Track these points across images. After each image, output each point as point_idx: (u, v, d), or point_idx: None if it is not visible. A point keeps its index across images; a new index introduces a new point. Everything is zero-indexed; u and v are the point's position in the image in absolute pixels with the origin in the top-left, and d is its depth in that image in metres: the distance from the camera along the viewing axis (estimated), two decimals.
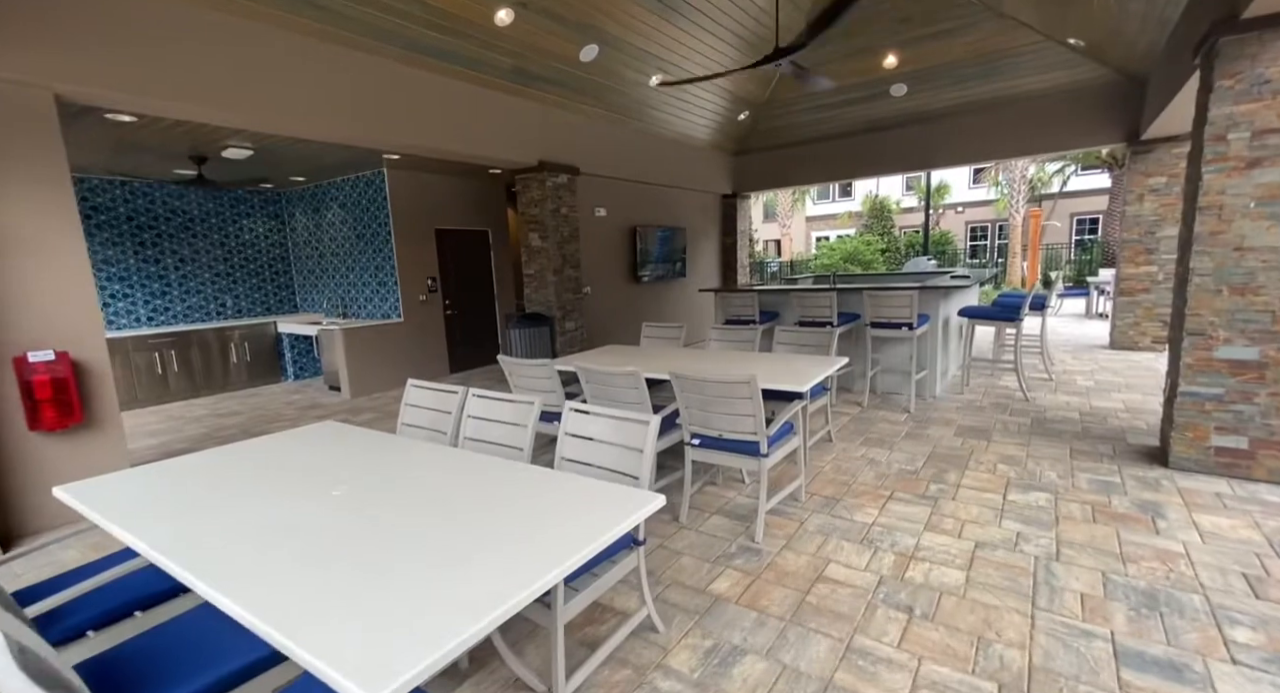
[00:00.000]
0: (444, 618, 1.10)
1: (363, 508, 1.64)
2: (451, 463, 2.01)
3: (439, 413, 2.69)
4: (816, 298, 5.10)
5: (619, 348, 4.50)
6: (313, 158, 5.58)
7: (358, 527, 1.51)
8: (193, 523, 1.58)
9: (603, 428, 2.14)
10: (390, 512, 1.61)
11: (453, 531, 1.47)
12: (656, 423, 2.01)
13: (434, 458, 2.07)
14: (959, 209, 22.39)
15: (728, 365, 3.46)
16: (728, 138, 8.76)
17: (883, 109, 7.77)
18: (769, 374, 3.16)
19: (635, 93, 6.47)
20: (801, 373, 3.14)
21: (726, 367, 3.42)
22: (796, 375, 3.08)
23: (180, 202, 6.65)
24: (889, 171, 8.49)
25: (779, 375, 3.12)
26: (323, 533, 1.48)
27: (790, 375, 3.09)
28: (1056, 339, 7.77)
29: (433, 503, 1.66)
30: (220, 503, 1.72)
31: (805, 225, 26.76)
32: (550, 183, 5.97)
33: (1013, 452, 3.76)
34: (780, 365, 3.39)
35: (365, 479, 1.87)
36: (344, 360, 6.09)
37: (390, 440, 2.32)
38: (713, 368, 3.34)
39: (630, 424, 2.06)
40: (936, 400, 5.06)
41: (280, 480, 1.90)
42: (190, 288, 6.82)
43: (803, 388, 2.90)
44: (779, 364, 3.42)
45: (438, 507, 1.64)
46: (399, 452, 2.16)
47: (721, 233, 9.81)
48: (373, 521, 1.55)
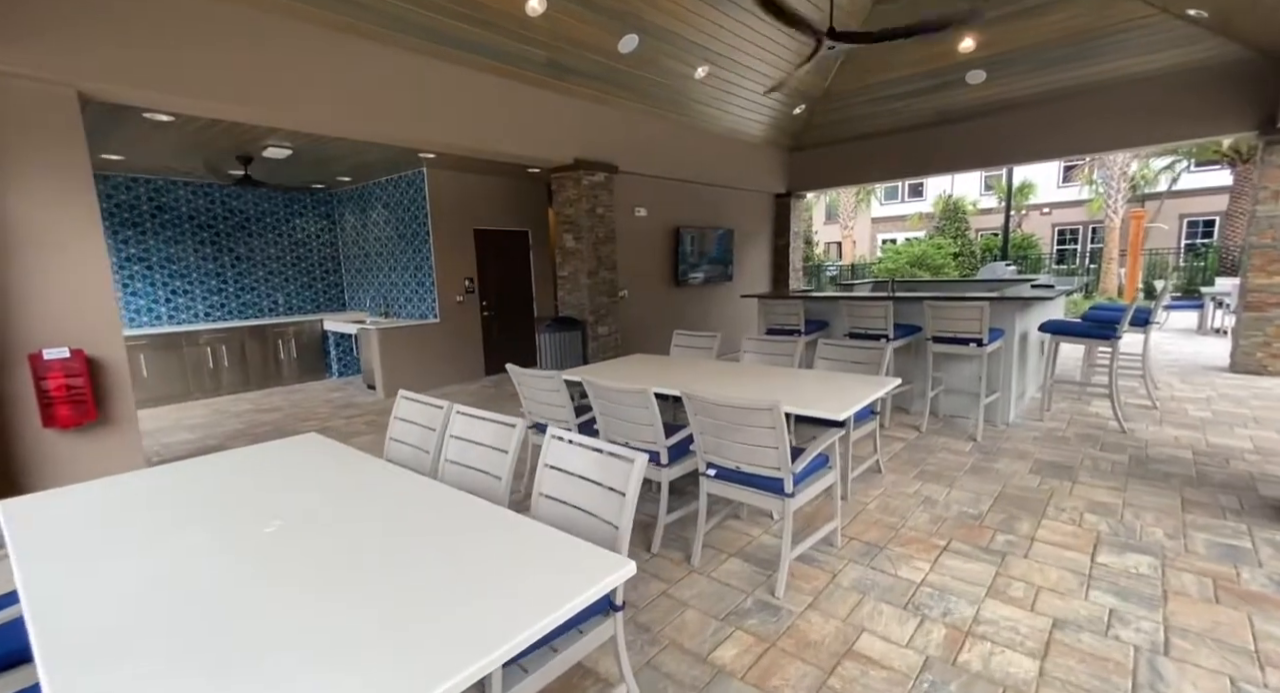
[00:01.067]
0: None
1: (285, 554, 1.39)
2: (411, 497, 1.75)
3: (426, 429, 2.45)
4: (869, 308, 4.57)
5: (646, 358, 4.17)
6: (349, 157, 5.58)
7: (259, 588, 1.26)
8: (88, 565, 1.38)
9: (585, 462, 1.82)
10: (313, 563, 1.35)
11: (374, 596, 1.19)
12: (642, 463, 1.66)
13: (394, 489, 1.82)
14: (1045, 210, 20.54)
15: (758, 383, 3.06)
16: (782, 133, 8.24)
17: (956, 99, 7.04)
18: (803, 397, 2.74)
19: (679, 86, 6.11)
20: (843, 396, 2.70)
21: (756, 385, 3.02)
22: (836, 399, 2.65)
23: (238, 202, 6.89)
24: (962, 168, 7.71)
25: (815, 398, 2.70)
26: (216, 594, 1.24)
27: (829, 399, 2.66)
28: (1162, 358, 6.77)
29: (366, 551, 1.40)
30: (135, 537, 1.53)
31: (871, 227, 25.42)
32: (586, 182, 5.72)
33: (1104, 498, 3.14)
34: (818, 386, 2.96)
35: (310, 511, 1.64)
36: (378, 360, 6.08)
37: (361, 463, 2.10)
38: (738, 387, 2.94)
39: (614, 461, 1.73)
40: (1009, 428, 4.41)
41: (219, 510, 1.70)
42: (245, 285, 7.05)
43: (840, 415, 2.46)
44: (817, 384, 2.99)
45: (371, 557, 1.37)
46: (361, 478, 1.93)
47: (774, 234, 9.28)
48: (283, 578, 1.29)
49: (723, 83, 6.46)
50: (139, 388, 5.85)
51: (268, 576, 1.30)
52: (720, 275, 8.06)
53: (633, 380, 3.23)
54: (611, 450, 1.75)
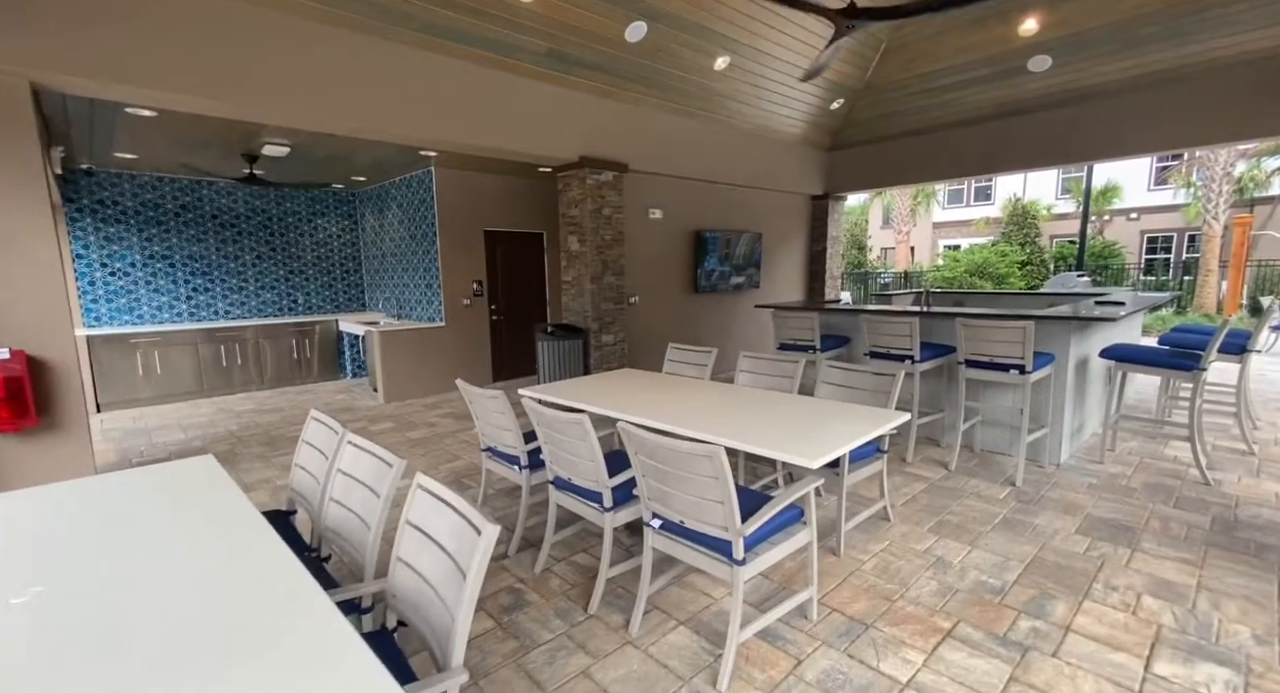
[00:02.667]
0: None
1: (12, 643, 1.09)
2: (213, 563, 1.43)
3: (324, 457, 2.15)
4: (892, 324, 3.99)
5: (636, 374, 3.77)
6: (351, 155, 5.47)
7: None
8: None
9: (444, 523, 1.45)
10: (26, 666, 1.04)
11: None
12: (491, 537, 1.27)
13: (213, 544, 1.50)
14: (1133, 215, 18.59)
15: (735, 413, 2.60)
16: (819, 130, 7.63)
17: (1020, 89, 6.25)
18: (783, 433, 2.28)
19: (698, 78, 5.68)
20: (832, 434, 2.22)
21: (732, 414, 2.57)
22: (823, 437, 2.18)
23: (261, 201, 6.97)
24: (1027, 167, 6.86)
25: (798, 435, 2.23)
26: None
27: (815, 436, 2.19)
28: (1268, 390, 5.74)
29: (105, 654, 1.08)
30: None
31: (932, 232, 23.90)
32: (592, 181, 5.38)
33: (1172, 574, 2.48)
34: (807, 419, 2.48)
35: (92, 573, 1.34)
36: (379, 363, 5.95)
37: (218, 504, 1.80)
38: (706, 417, 2.48)
39: (466, 527, 1.35)
40: (1059, 471, 3.72)
41: (10, 559, 1.43)
42: (265, 284, 7.14)
43: (813, 462, 1.99)
44: (807, 417, 2.50)
45: (104, 662, 1.04)
46: (193, 526, 1.62)
47: (809, 239, 8.65)
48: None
49: (747, 75, 5.97)
50: (151, 384, 5.97)
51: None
52: (746, 283, 7.53)
53: (598, 400, 2.85)
54: (464, 511, 1.37)
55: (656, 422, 2.53)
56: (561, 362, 5.42)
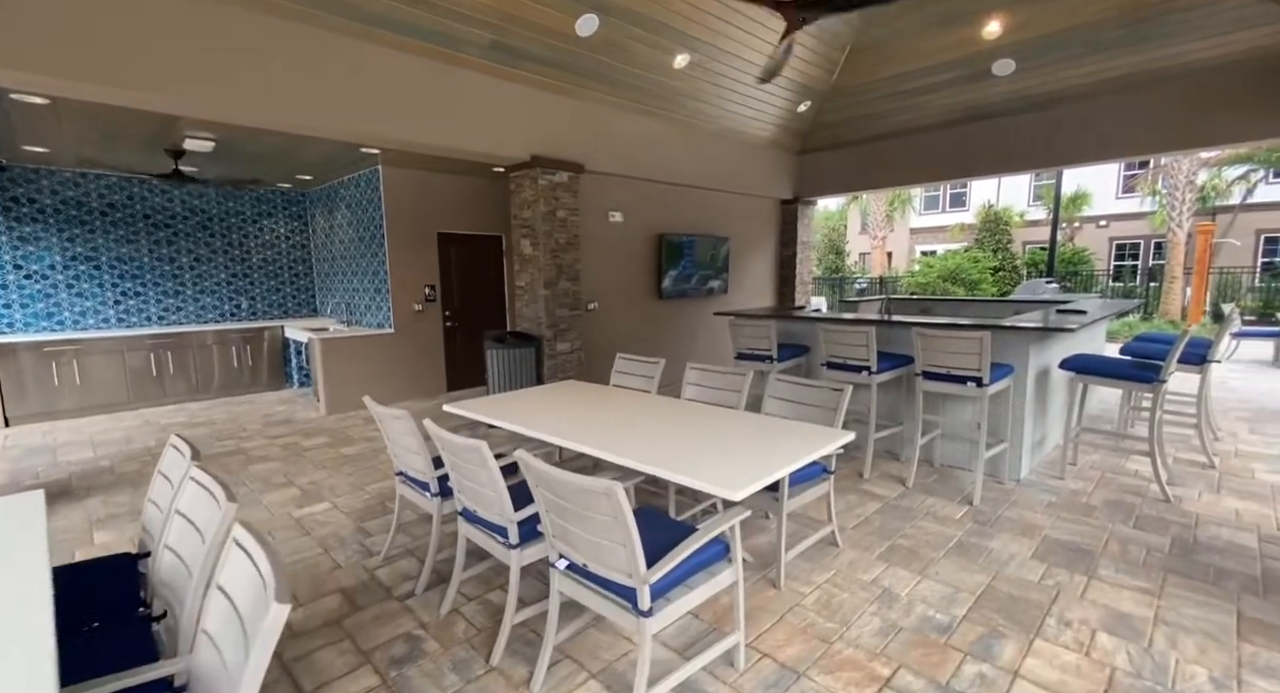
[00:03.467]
0: None
1: None
2: None
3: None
4: (848, 333, 3.80)
5: (577, 387, 3.53)
6: (284, 152, 5.16)
7: None
8: None
9: (250, 590, 1.18)
10: None
11: None
12: (280, 616, 1.02)
13: None
14: (1102, 222, 18.89)
15: (666, 432, 2.38)
16: (787, 134, 7.48)
17: (984, 93, 6.16)
18: (709, 456, 2.06)
19: (658, 77, 5.47)
20: (766, 457, 2.02)
21: (662, 433, 2.34)
22: (756, 460, 1.97)
23: (200, 201, 6.60)
24: (995, 172, 6.79)
25: (723, 460, 2.02)
26: None
27: (744, 460, 1.99)
28: (1228, 397, 5.69)
29: None
30: None
31: (909, 238, 24.08)
32: (544, 181, 5.14)
33: (1129, 606, 2.31)
34: (743, 438, 2.27)
35: None
36: (321, 374, 5.63)
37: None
38: (626, 440, 2.24)
39: (263, 597, 1.09)
40: (1019, 487, 3.56)
41: None
42: (205, 288, 6.76)
43: (736, 494, 1.77)
44: (745, 437, 2.29)
45: None
46: None
47: (779, 244, 8.50)
48: None
49: (709, 74, 5.78)
50: (69, 396, 5.56)
51: None
52: (714, 289, 7.34)
53: (524, 418, 2.61)
54: (265, 576, 1.11)
55: (580, 443, 2.30)
56: (512, 371, 5.16)
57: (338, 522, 3.21)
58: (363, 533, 3.06)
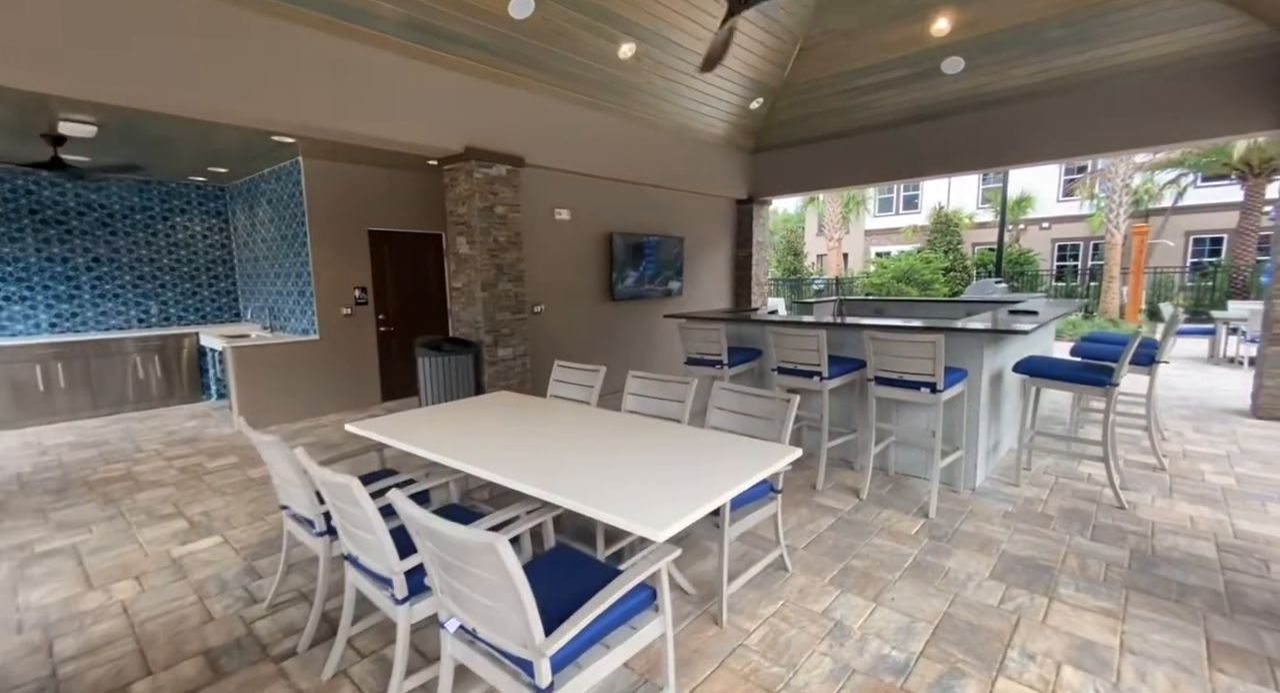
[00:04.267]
0: None
1: None
2: None
3: None
4: (798, 337, 3.59)
5: (507, 399, 3.20)
6: (184, 139, 4.64)
7: None
8: None
9: None
10: None
11: None
12: None
13: None
14: (1044, 225, 19.60)
15: (596, 452, 2.08)
16: (741, 132, 7.31)
17: (934, 91, 6.11)
18: (637, 482, 1.78)
19: (602, 66, 5.18)
20: (703, 481, 1.75)
21: (590, 455, 2.04)
22: (688, 486, 1.71)
23: (98, 196, 5.95)
24: (943, 172, 6.76)
25: (652, 488, 1.75)
26: None
27: (675, 486, 1.73)
28: (1169, 395, 5.78)
29: None
30: None
31: (864, 239, 24.51)
32: (480, 175, 4.77)
33: (1094, 631, 2.14)
34: (680, 459, 2.01)
35: None
36: (234, 385, 5.10)
37: None
38: (562, 458, 1.92)
39: None
40: (975, 496, 3.41)
41: None
42: (105, 292, 6.10)
43: (659, 532, 1.50)
44: (681, 456, 2.03)
45: None
46: None
47: (735, 244, 8.33)
48: None
49: (658, 66, 5.53)
50: None
51: None
52: (666, 290, 7.10)
53: (432, 440, 2.27)
54: None
55: (493, 470, 1.99)
56: (447, 381, 4.77)
57: (224, 561, 2.78)
58: (251, 574, 2.65)
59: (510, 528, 1.96)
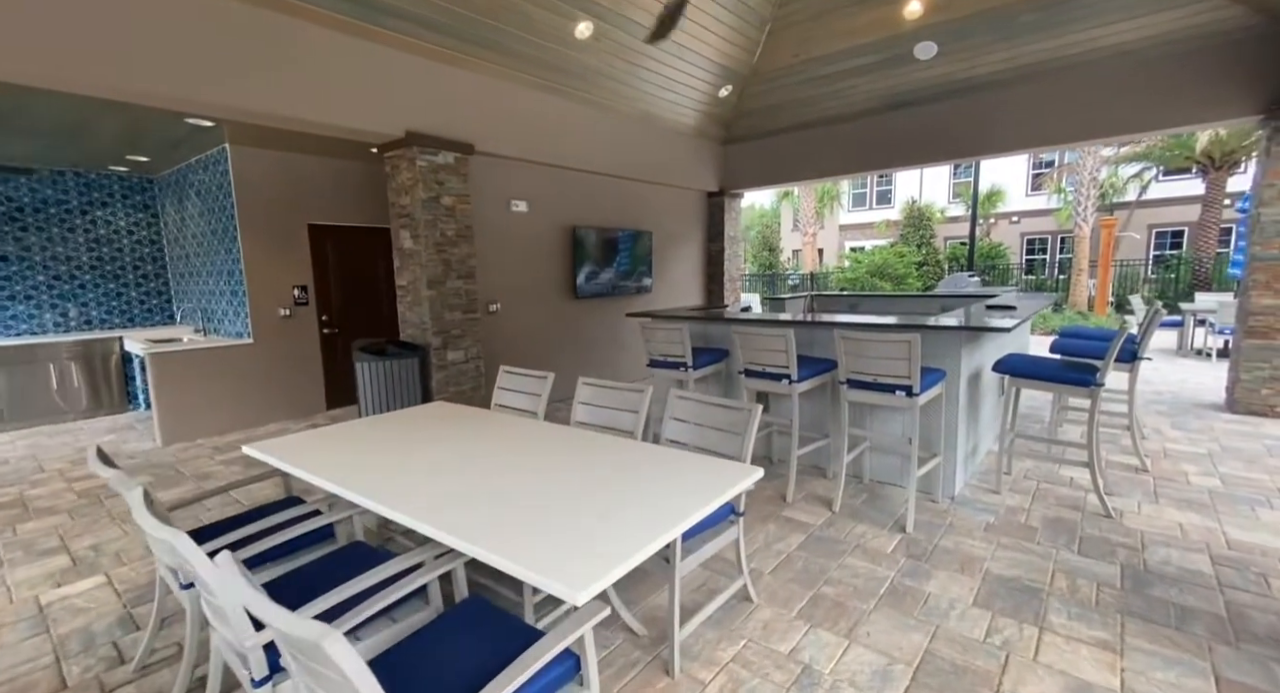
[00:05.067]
0: None
1: None
2: None
3: None
4: (765, 337, 3.31)
5: (444, 410, 2.87)
6: (84, 121, 4.15)
7: None
8: None
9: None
10: None
11: None
12: None
13: None
14: (1014, 219, 19.80)
15: (527, 477, 1.76)
16: (710, 120, 7.01)
17: (906, 78, 5.90)
18: (561, 520, 1.46)
19: (557, 47, 4.82)
20: (639, 514, 1.44)
21: (520, 482, 1.71)
22: (629, 521, 1.42)
23: (4, 187, 5.38)
24: (917, 162, 6.56)
25: (580, 523, 1.43)
26: None
27: (614, 521, 1.42)
28: (1144, 389, 5.67)
29: None
30: None
31: (839, 234, 24.52)
32: (424, 162, 4.39)
33: (1089, 670, 1.90)
34: (625, 485, 1.72)
35: None
36: (155, 395, 4.63)
37: None
38: (486, 489, 1.57)
39: None
40: (954, 506, 3.18)
41: None
42: (15, 294, 5.53)
43: (578, 593, 1.19)
44: (627, 481, 1.74)
45: None
46: None
47: (706, 239, 8.05)
48: None
49: (618, 48, 5.19)
50: None
51: None
52: (634, 287, 6.78)
53: (336, 467, 1.92)
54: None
55: (399, 507, 1.66)
56: (391, 388, 4.38)
57: (101, 606, 2.39)
58: (127, 625, 2.26)
59: (417, 575, 1.63)
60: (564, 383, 5.92)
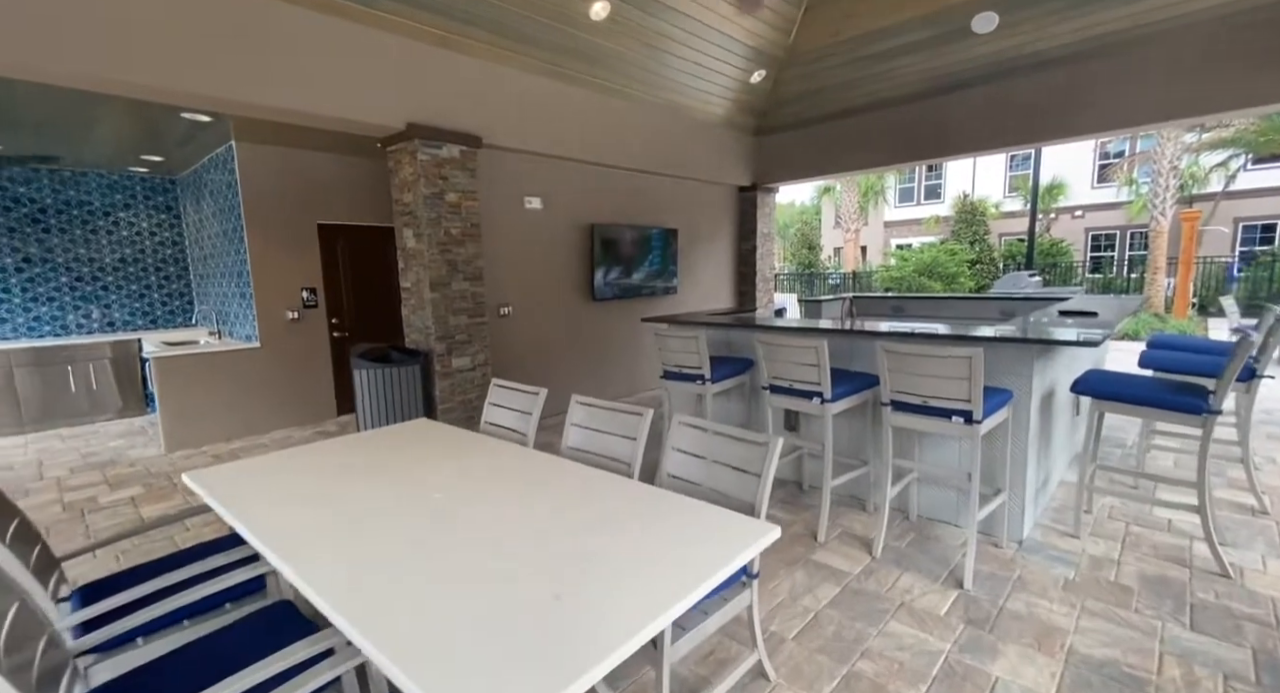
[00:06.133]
0: None
1: None
2: None
3: None
4: (792, 348, 2.85)
5: (424, 431, 2.54)
6: (77, 120, 4.02)
7: None
8: None
9: None
10: None
11: None
12: None
13: None
14: (1078, 212, 18.38)
15: (481, 531, 1.39)
16: (741, 109, 6.53)
17: (962, 56, 5.28)
18: (502, 608, 1.06)
19: (571, 29, 4.46)
20: (607, 606, 1.03)
21: (468, 539, 1.35)
22: (600, 606, 1.01)
23: (28, 188, 5.41)
24: (972, 150, 5.90)
25: (529, 611, 1.03)
26: None
27: (579, 607, 1.01)
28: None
29: None
30: None
31: (884, 231, 23.41)
32: (426, 156, 4.10)
33: None
34: (600, 547, 1.30)
35: None
36: (159, 399, 4.52)
37: None
38: (431, 551, 1.22)
39: None
40: (1022, 553, 2.65)
41: None
42: (38, 295, 5.57)
43: None
44: (602, 537, 1.34)
45: None
46: None
47: (737, 237, 7.56)
48: None
49: (638, 29, 4.79)
50: None
51: None
52: (659, 288, 6.38)
53: (280, 496, 1.62)
54: None
55: (302, 576, 1.31)
56: (390, 397, 4.12)
57: None
58: None
59: (325, 666, 1.28)
60: (579, 391, 5.56)
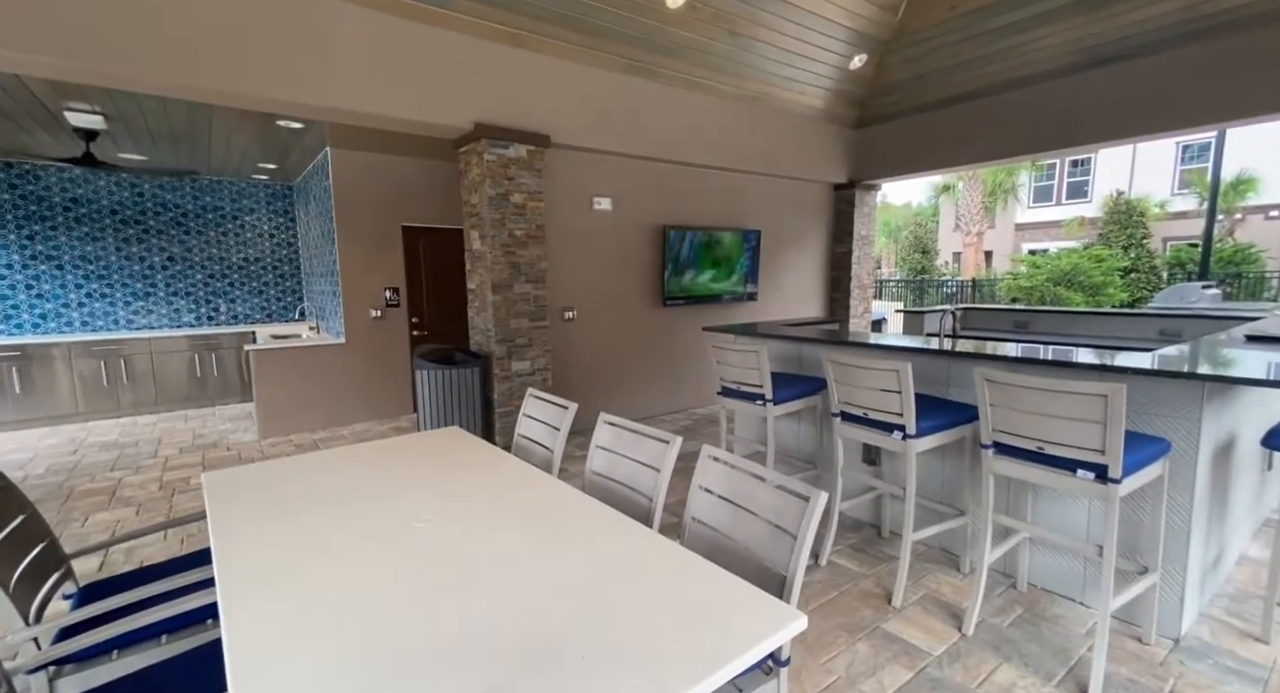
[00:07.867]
0: None
1: None
2: None
3: None
4: (868, 370, 2.37)
5: (451, 441, 2.42)
6: (196, 129, 4.39)
7: None
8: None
9: None
10: None
11: None
12: None
13: None
14: (1273, 213, 15.17)
15: (426, 606, 1.17)
16: (837, 98, 5.94)
17: (1114, 22, 4.38)
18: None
19: (647, 20, 4.23)
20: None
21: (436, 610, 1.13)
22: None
23: (173, 195, 6.15)
24: (1127, 136, 4.87)
25: None
26: None
27: None
28: None
29: None
30: None
31: (1013, 234, 20.88)
32: (492, 156, 4.05)
33: None
34: (566, 636, 1.00)
35: None
36: (256, 390, 4.87)
37: None
38: (393, 627, 1.02)
39: None
40: (1179, 654, 1.98)
41: None
42: (179, 290, 6.30)
43: None
44: (591, 613, 1.03)
45: None
46: None
47: (831, 239, 6.93)
48: None
49: (721, 16, 4.45)
50: (7, 406, 5.17)
51: None
52: (737, 294, 5.96)
53: (261, 518, 1.53)
54: None
55: (238, 628, 1.16)
56: (448, 399, 4.11)
57: None
58: None
59: None
60: (643, 401, 5.33)
